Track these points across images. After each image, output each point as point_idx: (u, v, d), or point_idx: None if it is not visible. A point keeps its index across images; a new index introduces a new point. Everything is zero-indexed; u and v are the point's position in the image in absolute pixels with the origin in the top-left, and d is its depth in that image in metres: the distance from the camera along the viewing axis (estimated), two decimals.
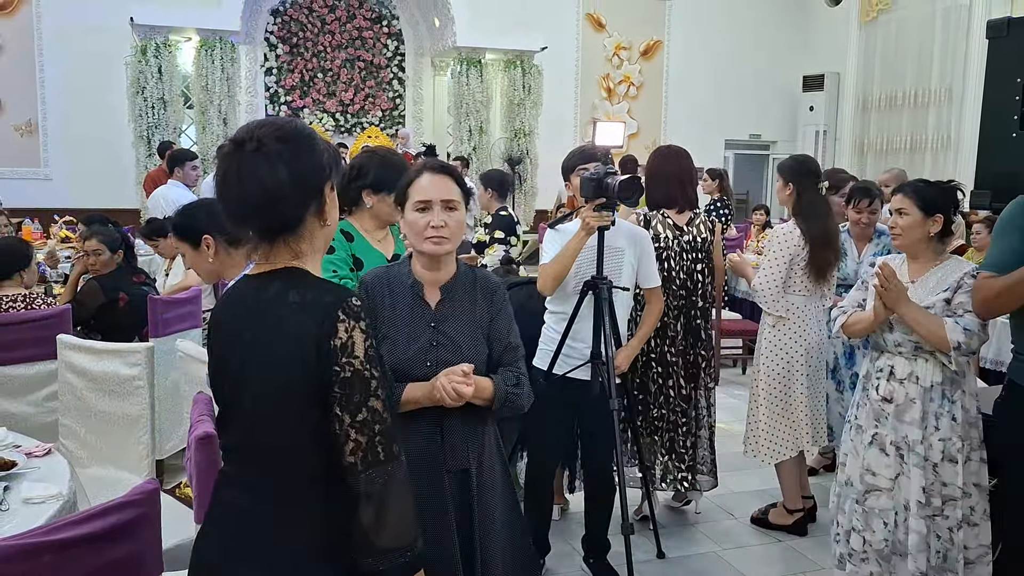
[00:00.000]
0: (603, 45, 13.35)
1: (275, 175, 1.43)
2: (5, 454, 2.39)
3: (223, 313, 1.58)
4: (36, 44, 10.50)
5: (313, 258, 1.54)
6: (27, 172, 10.52)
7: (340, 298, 1.45)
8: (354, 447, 1.41)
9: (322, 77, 11.93)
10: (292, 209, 1.47)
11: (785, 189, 3.68)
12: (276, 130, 1.47)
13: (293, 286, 1.47)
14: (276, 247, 1.51)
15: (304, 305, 1.44)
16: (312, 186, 1.49)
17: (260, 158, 1.44)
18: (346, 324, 1.42)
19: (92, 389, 3.17)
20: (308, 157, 1.48)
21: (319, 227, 1.53)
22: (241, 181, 1.44)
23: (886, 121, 12.86)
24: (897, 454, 2.86)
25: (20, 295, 3.74)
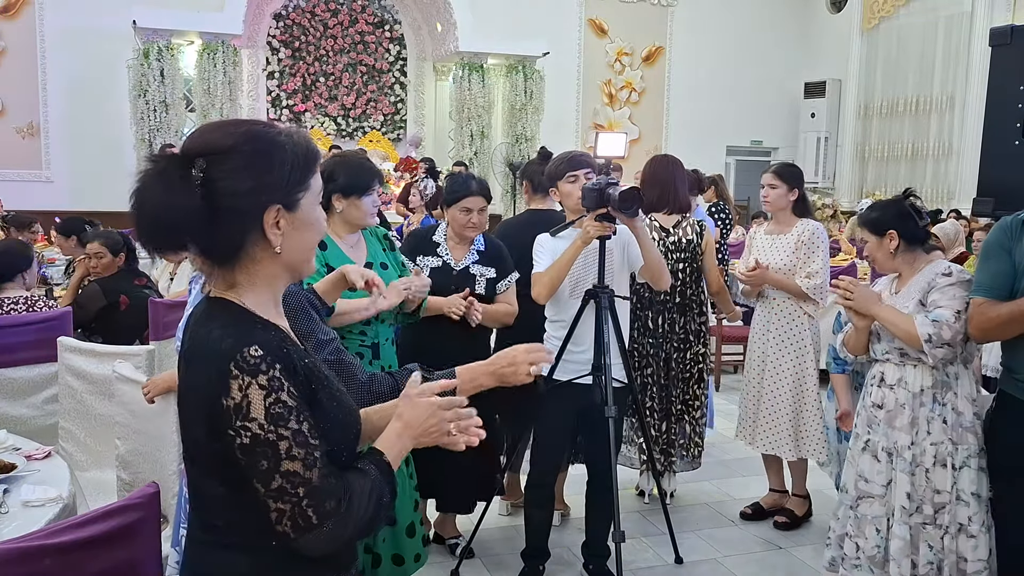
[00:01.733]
0: (605, 51, 13.36)
1: (173, 204, 1.23)
2: (5, 457, 2.39)
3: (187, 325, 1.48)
4: (39, 46, 10.51)
5: (255, 289, 1.35)
6: (29, 174, 10.52)
7: (236, 347, 1.24)
8: (278, 515, 1.24)
9: (324, 81, 11.94)
10: (205, 241, 1.28)
11: (791, 194, 3.83)
12: (212, 140, 1.29)
13: (208, 319, 1.31)
14: (216, 272, 1.34)
15: (204, 349, 1.28)
16: (245, 212, 1.27)
17: (160, 185, 1.24)
18: (240, 381, 1.22)
19: (92, 392, 3.17)
20: (241, 177, 1.26)
21: (267, 255, 1.32)
22: (140, 208, 1.26)
23: (887, 128, 12.87)
24: (888, 460, 2.88)
25: (21, 297, 3.74)
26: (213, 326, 1.29)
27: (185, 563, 1.44)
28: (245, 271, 1.33)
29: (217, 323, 1.29)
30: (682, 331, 3.87)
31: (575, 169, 3.20)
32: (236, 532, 1.32)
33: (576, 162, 3.23)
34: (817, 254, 3.77)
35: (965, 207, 10.99)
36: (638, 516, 4.04)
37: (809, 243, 3.77)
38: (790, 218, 3.85)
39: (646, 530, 3.89)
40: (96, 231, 4.51)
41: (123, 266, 4.32)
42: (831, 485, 4.32)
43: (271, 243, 1.30)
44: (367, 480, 1.32)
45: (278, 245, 1.31)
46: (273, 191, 1.29)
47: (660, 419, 3.90)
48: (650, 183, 3.89)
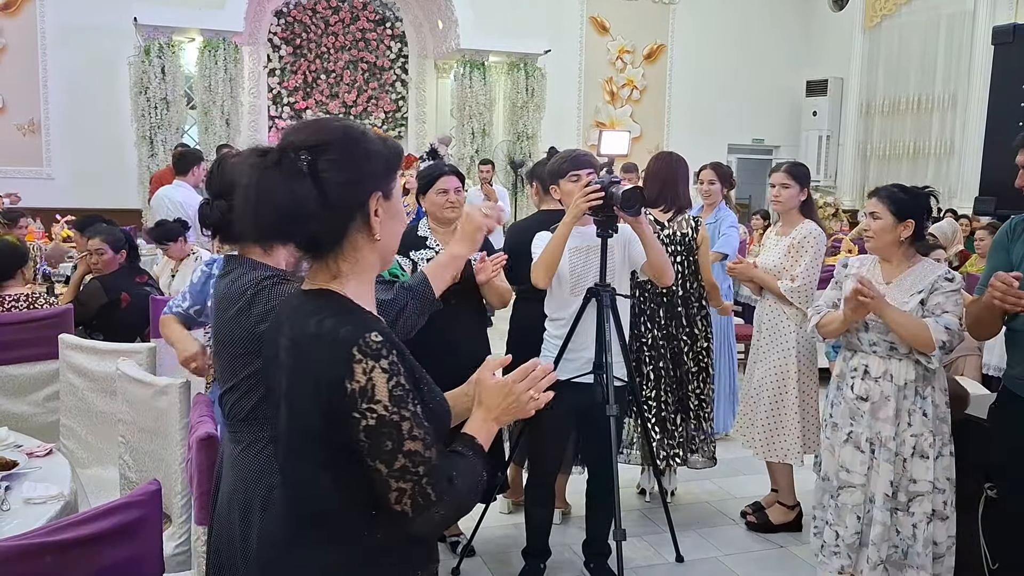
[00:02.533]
0: (607, 48, 13.35)
1: (295, 193, 1.28)
2: (6, 454, 2.39)
3: (274, 321, 1.48)
4: (40, 43, 10.50)
5: (358, 278, 1.40)
6: (29, 171, 10.50)
7: (358, 332, 1.28)
8: (399, 495, 1.29)
9: (325, 79, 11.93)
10: (322, 227, 1.32)
11: (801, 194, 3.80)
12: (310, 136, 1.33)
13: (318, 312, 1.32)
14: (317, 264, 1.38)
15: (320, 338, 1.29)
16: (353, 201, 1.33)
17: (278, 175, 1.30)
18: (364, 365, 1.26)
19: (93, 389, 3.16)
20: (349, 167, 1.32)
21: (367, 242, 1.37)
22: (254, 200, 1.31)
23: (889, 127, 12.85)
24: (871, 450, 2.96)
25: (22, 295, 3.74)
26: (324, 315, 1.31)
27: (264, 565, 1.49)
28: (348, 260, 1.37)
29: (327, 312, 1.32)
30: (687, 324, 3.86)
31: (577, 168, 3.19)
32: (329, 525, 1.35)
33: (579, 161, 3.22)
34: (804, 258, 3.69)
35: (966, 206, 10.99)
36: (639, 514, 4.04)
37: (799, 246, 3.72)
38: (795, 218, 3.81)
39: (647, 528, 3.88)
40: (97, 227, 4.50)
41: (124, 263, 4.31)
42: None
43: (372, 230, 1.36)
44: (467, 461, 1.38)
45: (378, 232, 1.36)
46: (374, 179, 1.36)
47: (675, 412, 3.86)
48: (651, 179, 3.90)
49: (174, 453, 2.59)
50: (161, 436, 2.65)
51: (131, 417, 2.77)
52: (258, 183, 1.30)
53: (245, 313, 1.85)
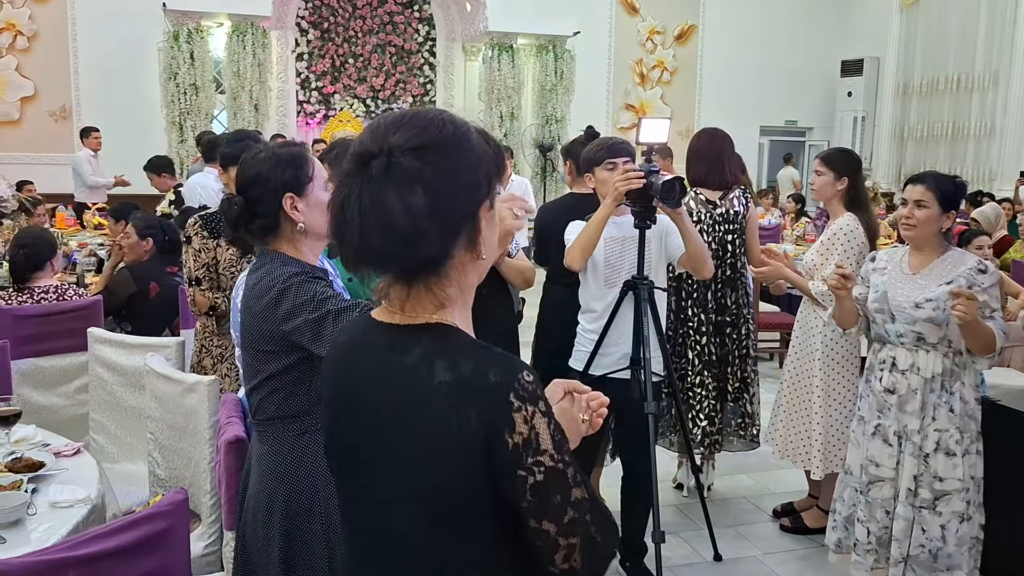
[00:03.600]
0: (636, 29, 13.16)
1: (410, 206, 1.06)
2: (34, 454, 2.35)
3: (343, 365, 1.22)
4: (70, 30, 10.53)
5: (463, 303, 1.18)
6: (60, 157, 10.54)
7: (510, 375, 1.06)
8: (567, 553, 1.10)
9: (353, 62, 11.86)
10: (433, 246, 1.09)
11: (838, 183, 3.50)
12: (415, 134, 1.10)
13: (441, 354, 1.10)
14: (415, 292, 1.14)
15: (460, 387, 1.06)
16: (463, 212, 1.11)
17: (390, 185, 1.07)
18: (524, 412, 1.05)
19: (122, 384, 3.13)
20: (459, 172, 1.10)
21: (471, 261, 1.15)
22: (363, 218, 1.07)
23: (927, 107, 12.56)
24: (898, 443, 2.88)
25: (52, 286, 3.71)
26: (457, 359, 1.09)
27: None
28: (455, 284, 1.15)
29: (456, 354, 1.10)
30: (734, 305, 3.75)
31: (614, 156, 3.09)
32: None
33: (615, 149, 3.12)
34: (833, 256, 3.42)
35: (1007, 188, 10.72)
36: (675, 510, 3.95)
37: (830, 242, 3.47)
38: (837, 210, 3.53)
39: (684, 526, 3.79)
40: (136, 214, 4.45)
41: (155, 253, 4.27)
42: None
43: (477, 247, 1.14)
44: None
45: (484, 248, 1.15)
46: (483, 186, 1.14)
47: (715, 397, 3.76)
48: (696, 158, 3.74)
49: (203, 452, 2.55)
50: (190, 434, 2.60)
51: (159, 414, 2.73)
52: (372, 199, 1.07)
53: (271, 310, 1.78)
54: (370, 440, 1.15)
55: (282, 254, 1.90)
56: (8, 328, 3.52)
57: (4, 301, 3.61)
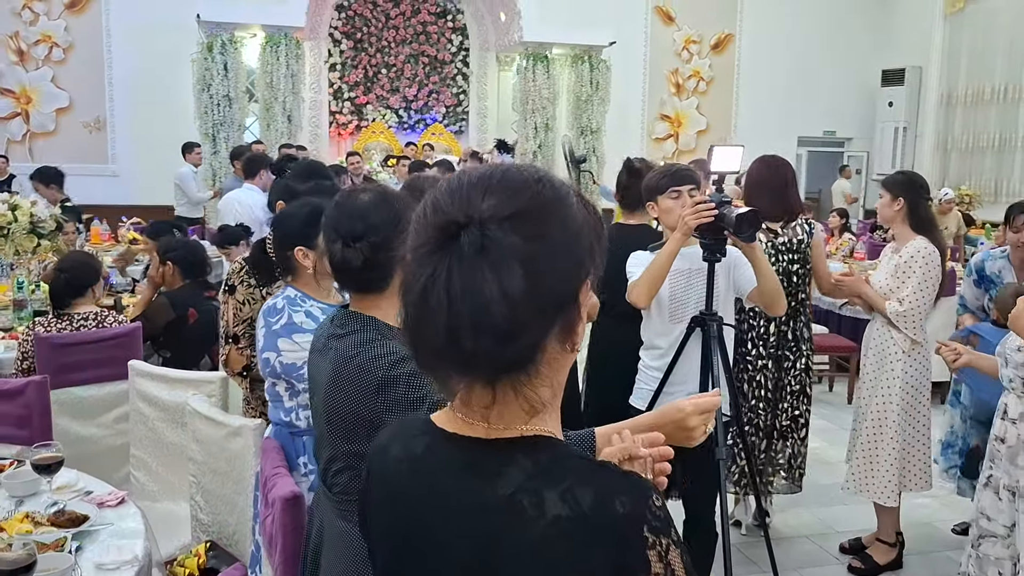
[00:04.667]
0: (672, 39, 12.95)
1: (508, 293, 0.85)
2: (76, 504, 2.22)
3: (402, 491, 0.98)
4: (105, 42, 10.53)
5: (554, 406, 0.97)
6: (95, 168, 10.56)
7: (640, 502, 0.87)
8: None
9: (386, 73, 11.78)
10: (528, 339, 0.88)
11: (894, 204, 3.42)
12: (508, 199, 0.89)
13: (549, 481, 0.88)
14: (501, 395, 0.91)
15: (583, 524, 0.86)
16: (562, 296, 0.90)
17: (485, 266, 0.85)
18: (659, 548, 0.86)
19: (164, 420, 3.01)
20: (560, 246, 0.90)
21: (563, 354, 0.93)
22: (452, 309, 0.86)
23: (972, 118, 12.23)
24: (1011, 499, 2.65)
25: (91, 313, 3.60)
26: (572, 486, 0.87)
27: None
28: (547, 384, 0.92)
29: (571, 480, 0.88)
30: (794, 339, 3.58)
31: (679, 184, 2.92)
32: None
33: (680, 177, 2.95)
34: (912, 279, 3.35)
35: None
36: (735, 550, 3.72)
37: (907, 265, 3.37)
38: (905, 233, 3.44)
39: (746, 568, 3.61)
40: (171, 240, 4.35)
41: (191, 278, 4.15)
42: (933, 519, 4.04)
43: (573, 337, 0.93)
44: None
45: (579, 338, 0.94)
46: (588, 262, 0.93)
47: (764, 436, 3.61)
48: (757, 188, 3.54)
49: (248, 499, 2.41)
50: (234, 480, 2.47)
51: (202, 457, 2.60)
52: (463, 286, 0.86)
53: (373, 396, 1.58)
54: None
55: (373, 318, 1.72)
56: (46, 357, 3.42)
57: (43, 328, 3.51)
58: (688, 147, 13.12)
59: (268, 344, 2.19)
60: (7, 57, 10.29)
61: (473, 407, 0.93)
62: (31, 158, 10.41)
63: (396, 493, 0.98)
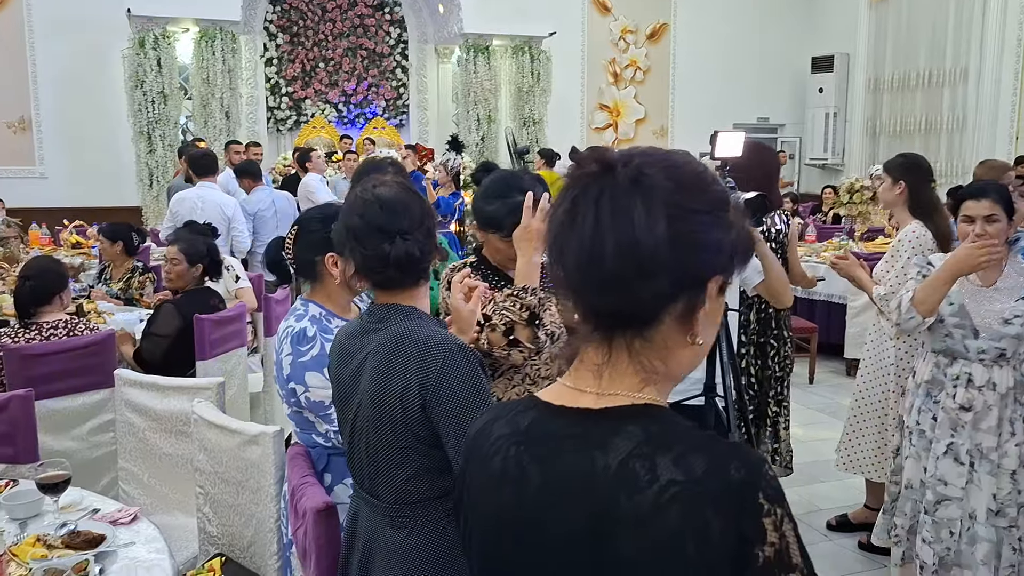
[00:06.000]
0: (609, 29, 13.03)
1: (654, 229, 0.87)
2: (87, 524, 2.10)
3: (507, 472, 0.96)
4: (27, 37, 10.03)
5: (666, 384, 0.95)
6: (22, 171, 10.09)
7: (755, 470, 0.85)
8: None
9: (324, 67, 11.54)
10: (654, 292, 0.89)
11: (895, 188, 3.41)
12: (667, 164, 0.92)
13: (660, 447, 0.86)
14: (616, 356, 0.93)
15: (697, 489, 0.83)
16: (694, 269, 0.90)
17: (638, 197, 0.88)
18: (774, 516, 0.84)
19: (157, 430, 2.87)
20: (707, 221, 0.91)
21: (680, 336, 0.93)
22: (598, 226, 0.89)
23: (899, 102, 12.63)
24: (969, 463, 2.77)
25: (61, 321, 3.43)
26: (685, 452, 0.86)
27: None
28: (661, 355, 0.92)
29: (683, 446, 0.87)
30: (776, 327, 3.63)
31: None
32: None
33: None
34: (898, 262, 3.34)
35: None
36: None
37: (894, 249, 3.40)
38: (904, 217, 3.45)
39: None
40: (179, 233, 4.11)
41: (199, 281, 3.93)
42: None
43: (693, 326, 0.92)
44: None
45: (700, 332, 0.93)
46: (726, 259, 0.93)
47: (753, 422, 3.65)
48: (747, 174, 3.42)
49: (268, 510, 2.32)
50: (250, 490, 2.37)
51: (211, 467, 2.49)
52: (613, 207, 0.88)
53: (436, 373, 1.54)
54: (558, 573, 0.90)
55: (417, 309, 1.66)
56: (16, 369, 3.23)
57: (10, 339, 3.32)
58: (627, 136, 13.23)
59: (295, 375, 2.05)
60: None
61: (585, 366, 0.95)
62: None
63: (501, 469, 0.96)
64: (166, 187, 8.00)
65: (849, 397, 3.80)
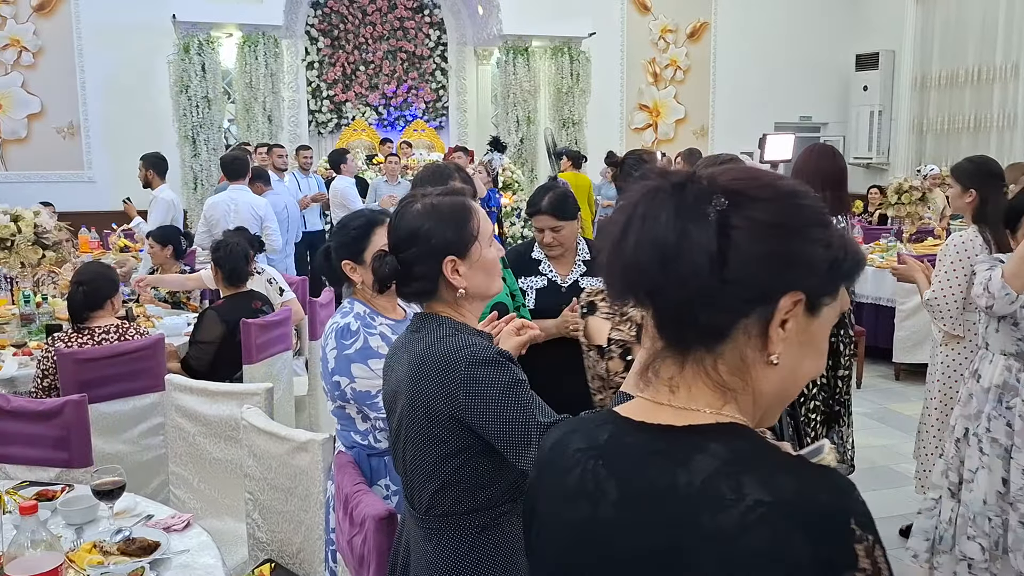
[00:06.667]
0: (648, 28, 12.94)
1: (718, 246, 0.85)
2: (141, 530, 2.12)
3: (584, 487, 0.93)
4: (76, 45, 10.25)
5: (745, 403, 0.91)
6: (71, 175, 10.31)
7: (845, 494, 0.82)
8: None
9: (364, 70, 11.61)
10: (723, 306, 0.87)
11: (965, 195, 3.27)
12: (748, 176, 0.90)
13: (746, 466, 0.83)
14: (690, 371, 0.91)
15: (787, 510, 0.80)
16: (768, 284, 0.87)
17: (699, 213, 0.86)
18: (866, 543, 0.80)
19: (206, 435, 2.90)
20: (772, 236, 0.87)
21: (758, 354, 0.89)
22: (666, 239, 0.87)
23: (947, 100, 12.38)
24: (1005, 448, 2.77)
25: (112, 326, 3.48)
26: (772, 473, 0.83)
27: None
28: (736, 371, 0.89)
29: (770, 467, 0.83)
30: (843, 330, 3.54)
31: None
32: None
33: None
34: (942, 268, 3.24)
35: None
36: None
37: (942, 253, 3.29)
38: (968, 223, 3.35)
39: None
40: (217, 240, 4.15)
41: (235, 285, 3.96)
42: None
43: (770, 344, 0.88)
44: None
45: (776, 351, 0.88)
46: (808, 271, 0.88)
47: (823, 422, 3.57)
48: (814, 180, 3.23)
49: (316, 517, 2.32)
50: (299, 497, 2.38)
51: (260, 473, 2.51)
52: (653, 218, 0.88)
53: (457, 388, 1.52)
54: None
55: (454, 320, 1.65)
56: (70, 373, 3.29)
57: (64, 343, 3.38)
58: (667, 136, 13.14)
59: (340, 368, 2.08)
60: None
61: (661, 381, 0.92)
62: (3, 166, 10.15)
63: (578, 483, 0.94)
64: (212, 191, 8.10)
65: (898, 402, 3.73)
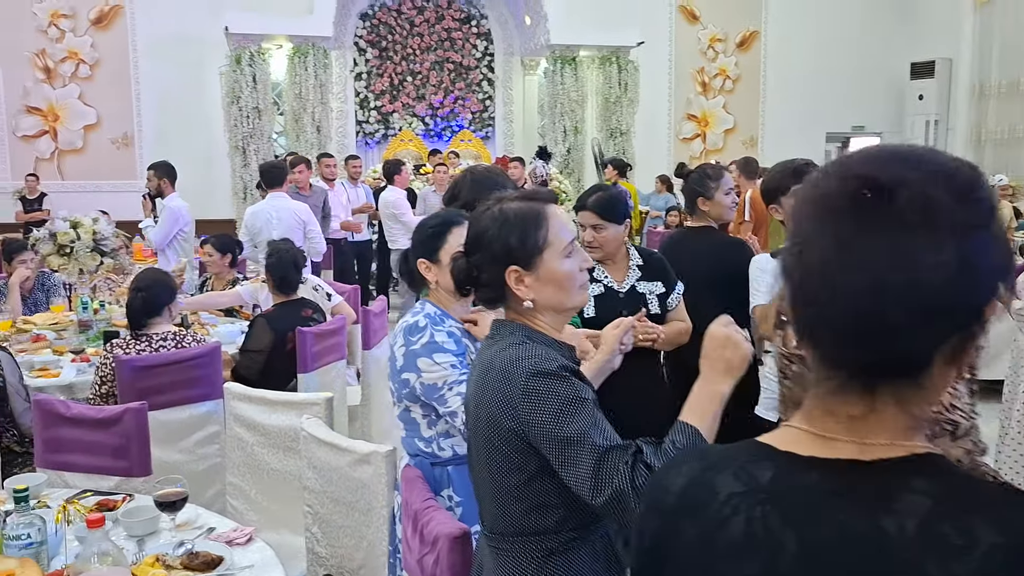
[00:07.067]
0: (697, 38, 12.81)
1: (940, 260, 0.73)
2: (203, 543, 2.07)
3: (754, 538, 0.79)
4: (131, 57, 10.44)
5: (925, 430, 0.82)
6: (125, 185, 10.45)
7: None
8: None
9: (411, 80, 11.65)
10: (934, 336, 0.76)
11: None
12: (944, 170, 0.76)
13: (963, 501, 0.74)
14: (881, 407, 0.79)
15: (997, 553, 0.71)
16: (973, 300, 0.76)
17: (922, 231, 0.74)
18: None
19: (265, 445, 2.85)
20: (985, 239, 0.76)
21: (948, 378, 0.79)
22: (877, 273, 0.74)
23: (1007, 109, 12.03)
24: None
25: (170, 332, 3.46)
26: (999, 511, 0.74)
27: None
28: (931, 398, 0.80)
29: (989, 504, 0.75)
30: None
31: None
32: None
33: (804, 172, 2.79)
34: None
35: None
36: None
37: None
38: None
39: None
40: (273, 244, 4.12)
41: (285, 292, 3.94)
42: None
43: (966, 355, 0.79)
44: None
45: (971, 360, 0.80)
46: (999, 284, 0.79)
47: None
48: None
49: (380, 532, 2.25)
50: (361, 511, 2.31)
51: (320, 485, 2.44)
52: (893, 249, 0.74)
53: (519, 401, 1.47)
54: None
55: (528, 328, 1.58)
56: (128, 380, 3.27)
57: (122, 350, 3.36)
58: (715, 146, 12.97)
59: (408, 364, 2.03)
60: (34, 75, 10.20)
61: (837, 418, 0.80)
62: (60, 176, 10.34)
63: (745, 534, 0.80)
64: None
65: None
